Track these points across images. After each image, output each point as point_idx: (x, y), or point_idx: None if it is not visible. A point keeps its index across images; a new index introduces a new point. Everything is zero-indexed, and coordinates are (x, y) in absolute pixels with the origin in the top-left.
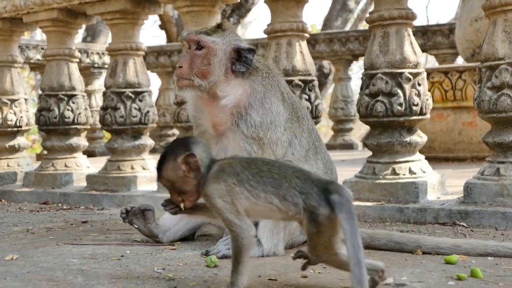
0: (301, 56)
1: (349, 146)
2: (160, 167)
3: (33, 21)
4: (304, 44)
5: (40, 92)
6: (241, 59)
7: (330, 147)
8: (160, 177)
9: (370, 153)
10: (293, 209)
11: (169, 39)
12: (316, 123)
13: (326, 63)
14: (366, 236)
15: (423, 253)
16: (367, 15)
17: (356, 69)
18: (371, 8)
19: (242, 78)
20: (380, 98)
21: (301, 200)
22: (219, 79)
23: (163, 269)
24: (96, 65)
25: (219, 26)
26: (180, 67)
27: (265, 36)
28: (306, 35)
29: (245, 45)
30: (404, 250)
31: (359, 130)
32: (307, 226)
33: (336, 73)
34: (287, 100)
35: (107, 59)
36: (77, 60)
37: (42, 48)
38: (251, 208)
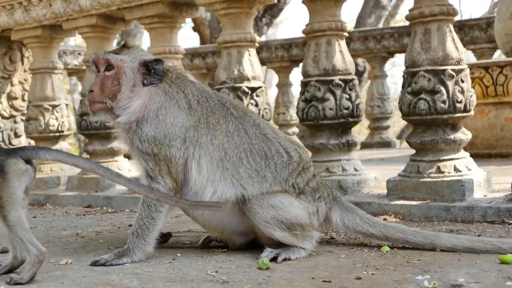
0: (341, 55)
1: (386, 144)
2: None
3: (72, 28)
4: (343, 43)
5: (80, 97)
6: (151, 71)
7: (367, 145)
8: None
9: (408, 151)
10: None
11: (202, 41)
12: (357, 122)
13: (360, 61)
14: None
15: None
16: (399, 11)
17: (389, 66)
18: (404, 4)
19: (147, 89)
20: (422, 96)
21: None
22: (123, 95)
23: (216, 272)
24: None
25: (124, 45)
26: (91, 91)
27: (297, 36)
28: (345, 34)
29: (151, 57)
30: None
31: (392, 127)
32: None
33: (371, 71)
34: (196, 107)
35: None
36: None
37: (79, 54)
38: None
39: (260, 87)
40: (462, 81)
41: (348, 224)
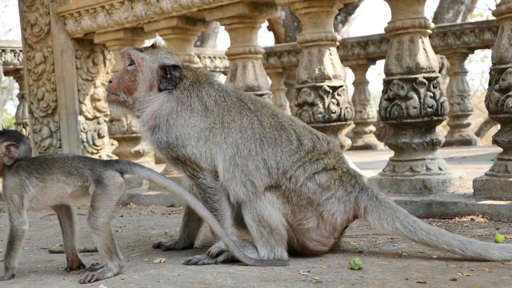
0: (424, 53)
1: (467, 142)
2: None
3: (153, 30)
4: (426, 40)
5: None
6: (167, 76)
7: (447, 143)
8: None
9: (490, 149)
10: (79, 179)
11: (277, 40)
12: (441, 121)
13: (437, 57)
14: None
15: None
16: (477, 5)
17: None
18: None
19: (161, 96)
20: (511, 93)
21: (87, 169)
22: (140, 95)
23: (308, 271)
24: (208, 69)
25: (153, 45)
26: (110, 82)
27: (373, 33)
28: (429, 31)
29: (170, 62)
30: None
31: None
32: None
33: (450, 67)
34: (212, 108)
35: (218, 62)
36: (197, 65)
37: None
38: (41, 193)
39: (342, 86)
40: None
41: (387, 227)
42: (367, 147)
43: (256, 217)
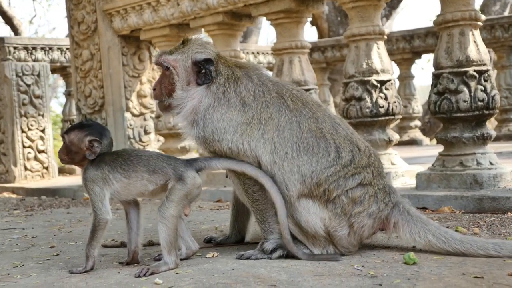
0: (475, 46)
1: None
2: (73, 129)
3: (199, 26)
4: (477, 33)
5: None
6: (202, 70)
7: (494, 138)
8: (66, 134)
9: None
10: (162, 178)
11: (320, 35)
12: (492, 114)
13: None
14: None
15: None
16: None
17: None
18: None
19: (199, 90)
20: None
21: (171, 168)
22: (179, 93)
23: (362, 266)
24: None
25: (182, 42)
26: (154, 89)
27: (418, 27)
28: (479, 23)
29: (202, 56)
30: None
31: None
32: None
33: (498, 60)
34: (250, 103)
35: (262, 58)
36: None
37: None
38: (124, 189)
39: (389, 80)
40: None
41: (419, 240)
42: (412, 142)
43: (294, 222)
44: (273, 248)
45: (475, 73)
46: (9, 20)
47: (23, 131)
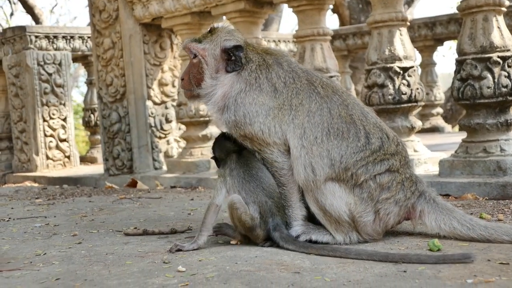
0: (499, 32)
1: None
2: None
3: (220, 13)
4: (501, 18)
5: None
6: (232, 58)
7: None
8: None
9: None
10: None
11: (342, 22)
12: None
13: None
14: None
15: None
16: None
17: None
18: None
19: (229, 77)
20: None
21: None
22: (208, 82)
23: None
24: None
25: (210, 31)
26: (182, 79)
27: (440, 14)
28: (503, 9)
29: (231, 43)
30: None
31: None
32: None
33: None
34: (281, 89)
35: (283, 46)
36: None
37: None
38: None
39: (412, 66)
40: None
41: (444, 227)
42: (434, 130)
43: (318, 206)
44: (297, 235)
45: (498, 59)
46: (30, 10)
47: (44, 120)
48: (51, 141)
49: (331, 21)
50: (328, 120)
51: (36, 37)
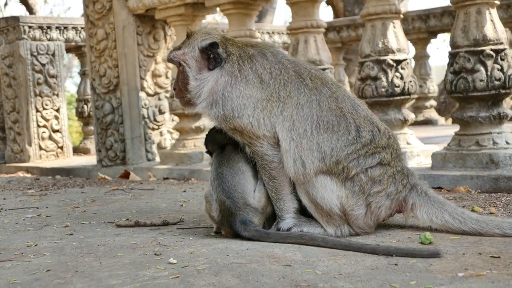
0: (492, 24)
1: None
2: None
3: (214, 5)
4: (494, 11)
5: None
6: (211, 56)
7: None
8: None
9: None
10: None
11: (336, 14)
12: (509, 94)
13: None
14: None
15: None
16: None
17: None
18: None
19: (213, 73)
20: None
21: None
22: (194, 83)
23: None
24: None
25: (187, 36)
26: (174, 89)
27: (434, 6)
28: (497, 2)
29: (206, 42)
30: None
31: None
32: None
33: None
34: (268, 81)
35: (277, 38)
36: (252, 39)
37: (222, 31)
38: None
39: (405, 59)
40: None
41: (436, 221)
42: (427, 122)
43: (310, 199)
44: (289, 228)
45: (492, 52)
46: (24, 0)
47: (37, 111)
48: (44, 132)
49: (325, 13)
50: (317, 112)
51: (30, 27)
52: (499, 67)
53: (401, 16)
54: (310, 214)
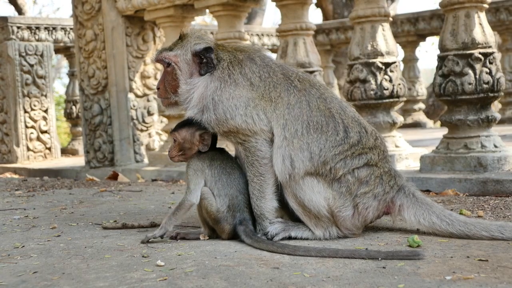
0: (481, 28)
1: None
2: (182, 127)
3: (204, 7)
4: (483, 15)
5: None
6: (203, 60)
7: (498, 121)
8: (176, 132)
9: None
10: None
11: (325, 17)
12: (497, 97)
13: None
14: None
15: None
16: None
17: None
18: None
19: (203, 79)
20: None
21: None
22: (184, 87)
23: (366, 249)
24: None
25: (180, 37)
26: (158, 88)
27: (423, 9)
28: (485, 6)
29: (201, 46)
30: None
31: None
32: None
33: (502, 43)
34: (258, 83)
35: (266, 40)
36: (241, 43)
37: (212, 33)
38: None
39: (394, 62)
40: None
41: (423, 222)
42: (416, 125)
43: (297, 202)
44: (277, 232)
45: (480, 56)
46: (12, 0)
47: (25, 111)
48: (32, 133)
49: (314, 16)
50: (307, 113)
51: (18, 27)
52: (488, 71)
53: (390, 19)
54: (297, 217)
